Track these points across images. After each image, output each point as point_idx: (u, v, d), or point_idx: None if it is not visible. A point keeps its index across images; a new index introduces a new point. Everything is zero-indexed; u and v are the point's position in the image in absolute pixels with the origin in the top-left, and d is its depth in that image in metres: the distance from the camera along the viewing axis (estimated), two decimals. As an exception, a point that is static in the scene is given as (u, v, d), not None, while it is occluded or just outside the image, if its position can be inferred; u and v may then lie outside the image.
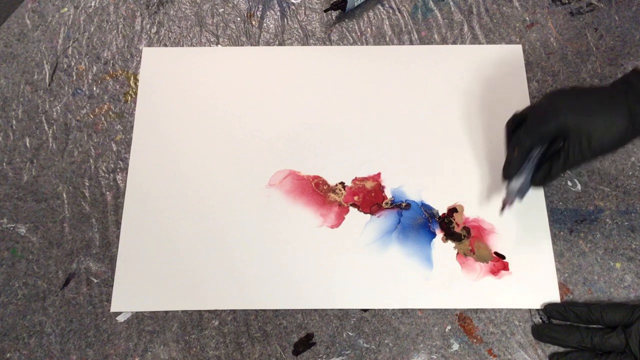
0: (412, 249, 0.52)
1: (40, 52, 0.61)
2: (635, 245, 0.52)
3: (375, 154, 0.56)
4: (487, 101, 0.58)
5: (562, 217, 0.53)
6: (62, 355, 0.49)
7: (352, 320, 0.50)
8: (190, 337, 0.49)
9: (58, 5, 0.64)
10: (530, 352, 0.48)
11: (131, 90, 0.60)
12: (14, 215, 0.54)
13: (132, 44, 0.62)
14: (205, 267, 0.52)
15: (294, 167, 0.56)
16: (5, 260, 0.52)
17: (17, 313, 0.50)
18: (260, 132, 0.57)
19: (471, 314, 0.50)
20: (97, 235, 0.53)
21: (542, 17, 0.63)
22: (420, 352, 0.49)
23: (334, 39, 0.62)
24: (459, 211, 0.54)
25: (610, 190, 0.54)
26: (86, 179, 0.56)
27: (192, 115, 0.58)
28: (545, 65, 0.60)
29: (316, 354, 0.49)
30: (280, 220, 0.54)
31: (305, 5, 0.64)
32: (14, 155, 0.57)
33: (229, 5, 0.64)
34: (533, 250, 0.52)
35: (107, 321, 0.50)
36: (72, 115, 0.58)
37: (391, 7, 0.64)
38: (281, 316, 0.50)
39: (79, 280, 0.51)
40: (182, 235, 0.53)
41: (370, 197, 0.54)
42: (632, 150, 0.56)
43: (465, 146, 0.56)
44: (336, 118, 0.58)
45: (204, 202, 0.54)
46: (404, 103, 0.59)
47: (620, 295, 0.50)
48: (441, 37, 0.62)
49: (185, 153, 0.57)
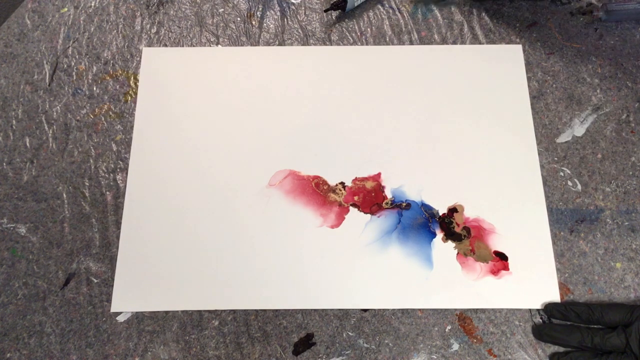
0: (412, 249, 0.52)
1: (40, 52, 0.61)
2: (635, 245, 0.52)
3: (375, 154, 0.56)
4: (487, 101, 0.58)
5: (562, 217, 0.53)
6: (62, 355, 0.49)
7: (352, 320, 0.50)
8: (190, 337, 0.49)
9: (58, 5, 0.64)
10: (530, 352, 0.48)
11: (131, 90, 0.60)
12: (14, 215, 0.54)
13: (132, 44, 0.62)
14: (205, 267, 0.52)
15: (294, 167, 0.56)
16: (5, 260, 0.52)
17: (17, 313, 0.50)
18: (260, 132, 0.57)
19: (471, 314, 0.50)
20: (97, 235, 0.53)
21: (542, 17, 0.63)
22: (420, 352, 0.49)
23: (334, 39, 0.62)
24: (459, 211, 0.54)
25: (610, 190, 0.54)
26: (86, 179, 0.56)
27: (192, 115, 0.58)
28: (545, 65, 0.60)
29: (316, 354, 0.49)
30: (280, 220, 0.53)
31: (305, 5, 0.64)
32: (14, 155, 0.57)
33: (229, 5, 0.64)
34: (533, 250, 0.52)
35: (107, 321, 0.50)
36: (72, 115, 0.58)
37: (391, 7, 0.64)
38: (281, 316, 0.50)
39: (79, 280, 0.51)
40: (182, 235, 0.53)
41: (371, 197, 0.54)
42: (632, 150, 0.56)
43: (465, 146, 0.56)
44: (336, 118, 0.58)
45: (204, 202, 0.54)
46: (404, 103, 0.59)
47: (621, 295, 0.50)
48: (441, 37, 0.62)
49: (185, 153, 0.57)
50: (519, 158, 0.56)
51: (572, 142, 0.57)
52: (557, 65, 0.60)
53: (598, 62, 0.60)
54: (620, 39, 0.61)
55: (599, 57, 0.60)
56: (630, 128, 0.57)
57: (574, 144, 0.56)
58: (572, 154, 0.56)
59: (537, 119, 0.57)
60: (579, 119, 0.57)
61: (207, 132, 0.57)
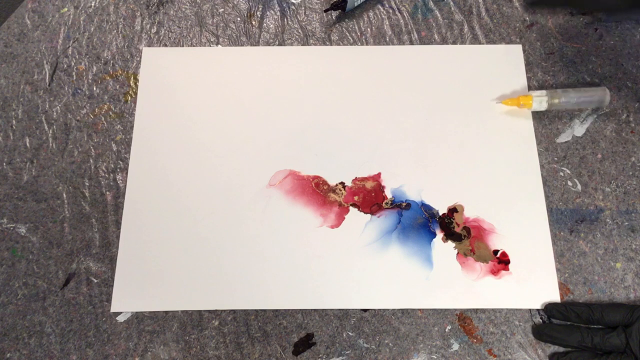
0: (412, 249, 0.52)
1: (40, 52, 0.61)
2: (635, 245, 0.52)
3: (375, 154, 0.56)
4: (487, 101, 0.58)
5: (562, 217, 0.53)
6: (62, 355, 0.49)
7: (352, 320, 0.50)
8: (190, 337, 0.49)
9: (58, 5, 0.64)
10: (530, 352, 0.48)
11: (131, 90, 0.60)
12: (14, 215, 0.54)
13: (132, 44, 0.62)
14: (205, 267, 0.52)
15: (294, 167, 0.56)
16: (5, 260, 0.52)
17: (17, 313, 0.50)
18: (260, 132, 0.57)
19: (471, 314, 0.50)
20: (97, 235, 0.53)
21: (542, 17, 0.63)
22: (420, 352, 0.49)
23: (334, 39, 0.62)
24: (459, 211, 0.54)
25: (610, 190, 0.54)
26: (86, 179, 0.56)
27: (192, 115, 0.58)
28: (545, 65, 0.60)
29: (316, 354, 0.49)
30: (280, 220, 0.53)
31: (305, 5, 0.64)
32: (14, 155, 0.57)
33: (229, 5, 0.64)
34: (533, 250, 0.52)
35: (107, 321, 0.50)
36: (72, 115, 0.58)
37: (391, 7, 0.64)
38: (281, 316, 0.50)
39: (79, 280, 0.51)
40: (182, 235, 0.53)
41: (371, 197, 0.54)
42: (632, 150, 0.56)
43: (466, 146, 0.56)
44: (336, 118, 0.58)
45: (204, 202, 0.54)
46: (404, 103, 0.59)
47: (621, 296, 0.50)
48: (441, 37, 0.62)
49: (185, 153, 0.57)
50: (519, 158, 0.56)
51: (572, 142, 0.57)
52: (557, 65, 0.60)
53: (598, 62, 0.60)
54: (620, 39, 0.61)
55: (599, 57, 0.60)
56: (630, 128, 0.57)
57: (574, 144, 0.56)
58: (572, 154, 0.56)
59: (537, 119, 0.57)
60: (578, 119, 0.57)
61: (207, 132, 0.57)
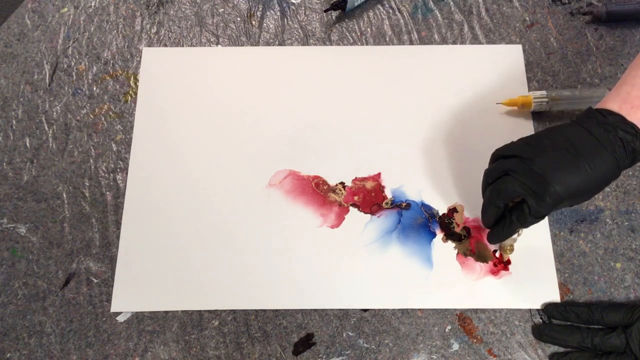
0: (412, 249, 0.52)
1: (40, 52, 0.61)
2: (635, 245, 0.52)
3: (375, 154, 0.56)
4: (487, 101, 0.58)
5: (562, 217, 0.53)
6: (62, 355, 0.49)
7: (352, 320, 0.50)
8: (190, 337, 0.49)
9: (58, 5, 0.64)
10: (530, 352, 0.48)
11: (131, 90, 0.60)
12: (14, 215, 0.54)
13: (132, 44, 0.62)
14: (205, 267, 0.52)
15: (294, 167, 0.56)
16: (5, 260, 0.52)
17: (17, 313, 0.50)
18: (260, 132, 0.57)
19: (471, 314, 0.50)
20: (97, 235, 0.53)
21: (542, 17, 0.63)
22: (420, 352, 0.49)
23: (334, 39, 0.62)
24: (459, 211, 0.54)
25: (610, 190, 0.54)
26: (86, 179, 0.56)
27: (192, 115, 0.58)
28: (545, 65, 0.60)
29: (316, 354, 0.49)
30: (280, 220, 0.53)
31: (305, 5, 0.64)
32: (14, 155, 0.57)
33: (229, 5, 0.64)
34: (533, 250, 0.52)
35: (107, 321, 0.50)
36: (72, 115, 0.58)
37: (391, 7, 0.64)
38: (281, 316, 0.50)
39: (79, 280, 0.51)
40: (182, 235, 0.53)
41: (371, 197, 0.54)
42: (632, 150, 0.56)
43: (466, 146, 0.56)
44: (336, 118, 0.58)
45: (204, 202, 0.54)
46: (404, 103, 0.59)
47: (621, 296, 0.50)
48: (441, 37, 0.62)
49: (185, 153, 0.57)
50: (519, 158, 0.56)
51: (572, 142, 0.56)
52: (557, 65, 0.60)
53: (598, 62, 0.60)
54: (620, 39, 0.61)
55: (599, 57, 0.60)
56: (630, 128, 0.57)
57: (574, 144, 0.56)
58: (572, 154, 0.56)
59: (537, 119, 0.57)
60: (579, 119, 0.57)
61: (207, 132, 0.57)
